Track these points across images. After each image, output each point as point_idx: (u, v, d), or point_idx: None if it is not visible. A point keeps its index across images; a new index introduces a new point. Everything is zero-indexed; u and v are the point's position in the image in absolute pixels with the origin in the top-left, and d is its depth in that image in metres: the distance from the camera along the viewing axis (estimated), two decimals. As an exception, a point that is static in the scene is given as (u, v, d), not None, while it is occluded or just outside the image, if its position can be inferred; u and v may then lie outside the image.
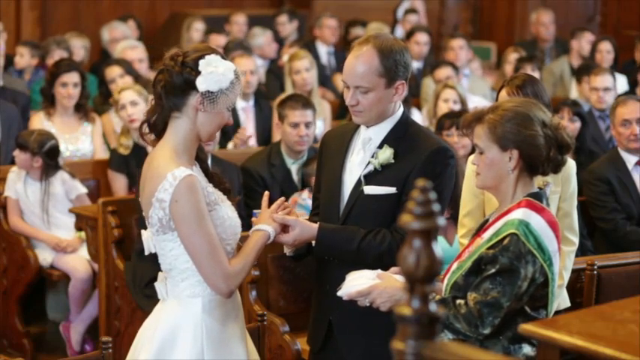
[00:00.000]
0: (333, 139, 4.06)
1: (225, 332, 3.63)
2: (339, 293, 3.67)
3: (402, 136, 3.89)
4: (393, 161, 3.85)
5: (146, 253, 3.72)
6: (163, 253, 3.62)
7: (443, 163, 3.86)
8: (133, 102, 6.70)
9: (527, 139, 3.50)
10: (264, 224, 3.73)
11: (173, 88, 3.55)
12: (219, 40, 9.71)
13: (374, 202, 3.87)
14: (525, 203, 3.52)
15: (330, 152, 4.02)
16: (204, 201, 3.53)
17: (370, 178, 3.87)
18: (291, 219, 3.80)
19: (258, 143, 7.75)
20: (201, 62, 3.53)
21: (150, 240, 3.64)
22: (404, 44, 3.98)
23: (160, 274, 3.70)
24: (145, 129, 3.63)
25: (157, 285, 3.69)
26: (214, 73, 3.52)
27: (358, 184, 3.89)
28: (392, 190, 3.85)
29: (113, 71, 7.80)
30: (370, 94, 3.82)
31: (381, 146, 3.88)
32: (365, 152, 3.91)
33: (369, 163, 3.88)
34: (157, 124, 3.61)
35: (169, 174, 3.48)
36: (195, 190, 3.49)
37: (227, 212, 3.62)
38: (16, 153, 6.41)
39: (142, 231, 3.71)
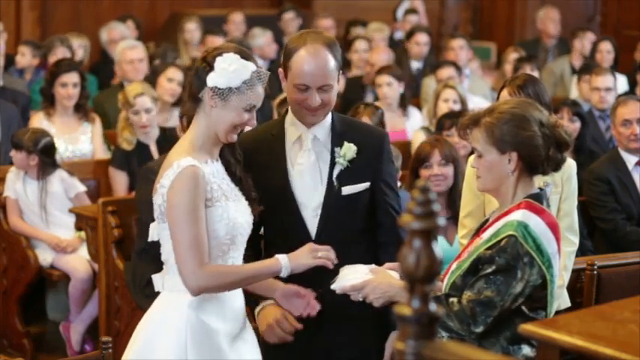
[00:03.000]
0: (256, 149, 3.90)
1: (212, 330, 3.60)
2: (333, 287, 3.66)
3: (345, 129, 3.92)
4: (355, 155, 3.87)
5: (149, 239, 3.72)
6: (162, 243, 3.64)
7: (390, 146, 4.00)
8: (148, 109, 6.77)
9: (525, 141, 3.50)
10: (287, 260, 3.61)
11: (195, 84, 3.63)
12: (216, 41, 9.73)
13: (350, 201, 3.88)
14: (525, 204, 3.51)
15: (260, 164, 3.87)
16: (202, 195, 3.52)
17: (340, 177, 3.87)
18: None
19: (259, 143, 7.74)
20: (218, 59, 3.58)
21: (155, 228, 3.67)
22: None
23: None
24: (185, 122, 3.73)
25: (155, 276, 3.70)
26: (225, 70, 3.56)
27: (330, 186, 3.87)
28: (367, 185, 3.89)
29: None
30: (332, 90, 3.83)
31: (339, 144, 3.87)
32: (316, 152, 3.88)
33: (335, 163, 3.87)
34: (190, 119, 3.69)
35: (175, 162, 3.53)
36: (194, 181, 3.50)
37: (228, 212, 3.60)
38: (13, 153, 6.42)
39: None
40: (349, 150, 3.86)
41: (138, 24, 10.95)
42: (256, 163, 3.86)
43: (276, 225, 3.92)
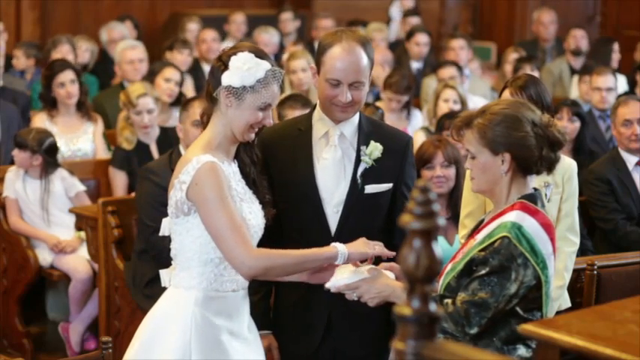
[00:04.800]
0: (281, 144, 3.94)
1: (217, 327, 3.61)
2: (328, 285, 3.65)
3: (372, 129, 3.95)
4: (380, 155, 3.88)
5: (160, 234, 3.73)
6: (173, 238, 3.65)
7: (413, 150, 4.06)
8: (150, 110, 6.79)
9: (518, 142, 3.49)
10: (344, 246, 3.61)
11: (211, 83, 3.66)
12: (207, 34, 9.77)
13: (372, 200, 3.90)
14: (519, 206, 3.50)
15: (285, 158, 3.92)
16: (225, 185, 3.54)
17: (364, 175, 3.89)
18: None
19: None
20: (233, 58, 3.60)
21: (167, 223, 3.67)
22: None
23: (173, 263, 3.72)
24: (205, 120, 3.73)
25: (163, 271, 3.71)
26: (239, 69, 3.57)
27: (353, 184, 3.89)
28: (389, 185, 3.92)
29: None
30: (363, 88, 3.85)
31: (365, 142, 3.89)
32: (342, 148, 3.91)
33: (360, 161, 3.88)
34: (209, 119, 3.71)
35: (195, 158, 3.54)
36: (216, 174, 3.51)
37: (241, 213, 3.60)
38: (15, 152, 6.42)
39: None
40: (376, 149, 3.88)
41: (136, 24, 10.96)
42: (281, 157, 3.90)
43: (296, 219, 3.93)
